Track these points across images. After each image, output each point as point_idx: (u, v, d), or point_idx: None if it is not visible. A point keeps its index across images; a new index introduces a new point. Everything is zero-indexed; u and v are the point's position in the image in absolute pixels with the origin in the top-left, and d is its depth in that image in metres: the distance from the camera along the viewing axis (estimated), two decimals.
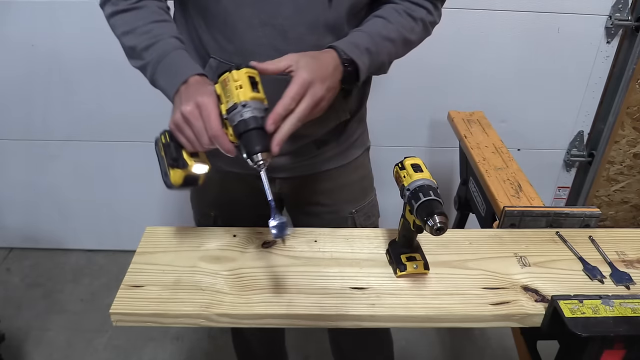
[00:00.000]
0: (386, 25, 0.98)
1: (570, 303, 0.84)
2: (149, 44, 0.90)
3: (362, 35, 0.95)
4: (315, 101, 0.85)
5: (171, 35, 0.92)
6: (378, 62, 0.98)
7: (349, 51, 0.91)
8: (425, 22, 1.03)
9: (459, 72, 2.01)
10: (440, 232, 0.79)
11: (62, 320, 2.07)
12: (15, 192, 2.29)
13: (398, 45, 1.00)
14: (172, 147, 0.87)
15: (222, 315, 0.86)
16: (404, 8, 1.01)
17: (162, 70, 0.90)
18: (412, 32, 1.02)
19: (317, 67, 0.86)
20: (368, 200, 1.29)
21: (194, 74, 0.88)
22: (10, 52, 1.94)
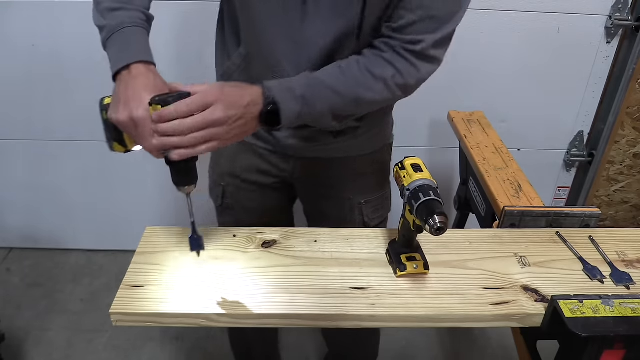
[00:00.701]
0: (338, 77, 0.94)
1: (570, 303, 0.84)
2: (113, 7, 0.89)
3: (303, 81, 0.92)
4: (209, 121, 0.80)
5: (139, 8, 0.91)
6: (315, 112, 0.92)
7: (277, 92, 0.88)
8: (388, 82, 0.95)
9: (459, 72, 2.01)
10: (441, 232, 0.79)
11: (62, 320, 2.07)
12: (15, 192, 2.29)
13: (347, 100, 0.95)
14: (111, 128, 0.86)
15: (222, 315, 0.86)
16: (367, 64, 0.95)
17: (115, 40, 0.88)
18: (370, 90, 0.95)
19: (230, 93, 0.84)
20: (380, 194, 1.29)
21: (139, 60, 0.85)
22: (10, 52, 1.94)
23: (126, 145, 0.88)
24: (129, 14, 0.89)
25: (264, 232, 1.04)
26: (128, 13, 0.89)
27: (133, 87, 0.83)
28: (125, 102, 0.81)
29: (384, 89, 0.96)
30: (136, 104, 0.80)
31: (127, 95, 0.82)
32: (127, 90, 0.82)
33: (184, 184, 0.86)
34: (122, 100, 0.82)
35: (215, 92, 0.82)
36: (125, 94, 0.82)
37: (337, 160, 1.19)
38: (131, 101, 0.81)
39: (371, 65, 0.95)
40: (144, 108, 0.80)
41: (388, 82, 0.96)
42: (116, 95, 0.84)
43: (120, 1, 0.89)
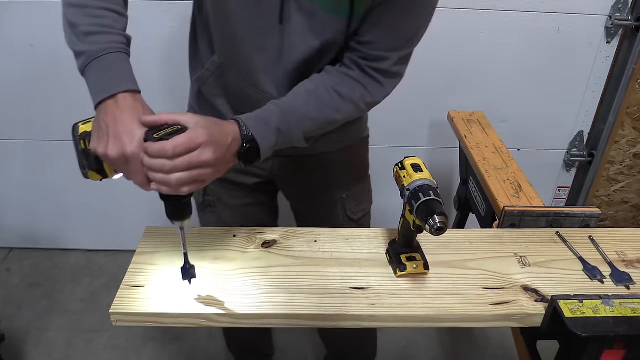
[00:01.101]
0: (308, 103, 0.94)
1: (570, 303, 0.84)
2: (93, 31, 0.83)
3: (276, 112, 0.91)
4: (198, 163, 0.78)
5: (120, 32, 0.86)
6: (290, 140, 0.94)
7: (253, 128, 0.87)
8: (356, 102, 0.98)
9: (459, 72, 2.01)
10: (441, 232, 0.79)
11: (62, 320, 2.07)
12: (14, 192, 2.29)
13: (318, 123, 0.97)
14: (92, 158, 0.83)
15: (222, 315, 0.86)
16: (335, 85, 0.96)
17: (96, 67, 0.83)
18: (339, 111, 0.98)
19: (216, 134, 0.81)
20: (360, 187, 1.31)
21: (126, 90, 0.81)
22: (9, 52, 1.94)
23: (106, 174, 0.85)
24: (110, 39, 0.84)
25: (264, 232, 1.04)
26: (108, 37, 0.84)
27: (122, 120, 0.78)
28: (115, 137, 0.77)
29: (353, 109, 0.99)
30: (129, 139, 0.77)
31: (117, 129, 0.78)
32: (117, 124, 0.78)
33: (177, 219, 0.84)
34: (111, 134, 0.78)
35: (204, 133, 0.78)
36: (115, 128, 0.78)
37: (314, 157, 1.19)
38: (123, 136, 0.77)
39: (339, 86, 0.97)
40: (137, 143, 0.77)
41: (357, 102, 0.99)
42: (101, 126, 0.79)
43: (98, 24, 0.83)
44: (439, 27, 1.89)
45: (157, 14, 1.83)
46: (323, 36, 0.94)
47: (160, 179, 0.77)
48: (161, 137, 0.76)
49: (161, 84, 1.95)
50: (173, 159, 0.75)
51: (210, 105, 1.12)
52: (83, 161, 0.85)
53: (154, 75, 1.94)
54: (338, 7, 0.91)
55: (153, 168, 0.76)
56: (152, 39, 1.88)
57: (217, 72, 1.05)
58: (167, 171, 0.76)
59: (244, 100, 1.06)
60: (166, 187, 0.77)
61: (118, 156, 0.77)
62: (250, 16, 0.94)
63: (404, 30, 0.96)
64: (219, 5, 0.93)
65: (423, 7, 0.95)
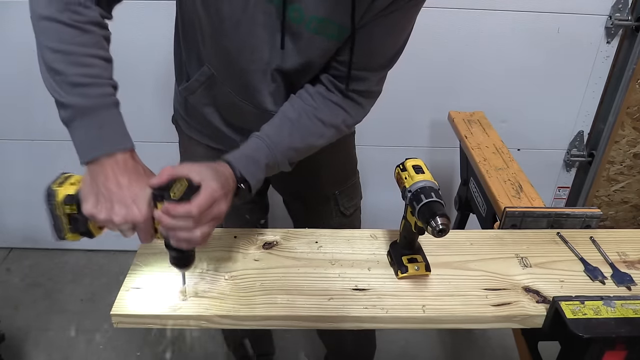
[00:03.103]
0: (292, 134, 0.95)
1: (571, 304, 0.84)
2: (81, 83, 0.77)
3: (263, 149, 0.92)
4: (217, 215, 0.79)
5: (108, 82, 0.80)
6: (277, 169, 0.96)
7: (244, 169, 0.88)
8: (338, 127, 1.00)
9: (459, 73, 2.01)
10: (443, 234, 0.79)
11: (62, 320, 2.07)
12: (15, 192, 2.29)
13: (302, 151, 0.99)
14: (80, 221, 0.81)
15: (223, 317, 0.86)
16: (316, 112, 0.97)
17: (86, 123, 0.78)
18: (321, 137, 0.99)
19: (224, 181, 0.81)
20: (351, 182, 1.33)
21: (125, 149, 0.78)
22: (10, 52, 1.94)
23: (91, 235, 0.83)
24: (101, 91, 0.78)
25: (264, 233, 1.04)
26: (99, 90, 0.78)
27: (128, 184, 0.76)
28: (122, 203, 0.75)
29: (335, 133, 1.01)
30: (138, 206, 0.75)
31: (122, 195, 0.75)
32: (122, 189, 0.76)
33: (184, 267, 0.85)
34: (115, 200, 0.75)
35: (217, 187, 0.78)
36: (120, 194, 0.75)
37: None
38: (130, 202, 0.75)
39: (321, 113, 0.98)
40: (147, 207, 0.76)
41: (339, 126, 1.01)
42: (101, 191, 0.76)
43: (87, 75, 0.77)
44: (440, 27, 1.91)
45: (155, 13, 1.83)
46: (315, 55, 0.96)
47: (184, 237, 0.77)
48: (180, 197, 0.75)
49: (156, 83, 1.95)
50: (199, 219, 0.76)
51: (198, 113, 1.12)
52: (62, 225, 0.82)
53: (148, 74, 1.95)
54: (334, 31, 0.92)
55: (176, 228, 0.76)
56: (147, 38, 1.88)
57: (207, 83, 1.05)
58: (192, 229, 0.76)
59: (234, 111, 1.07)
60: (189, 243, 0.78)
61: (125, 222, 0.76)
62: (243, 37, 0.93)
63: (386, 52, 0.97)
64: (213, 22, 0.93)
65: (404, 29, 0.96)
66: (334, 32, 0.91)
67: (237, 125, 1.11)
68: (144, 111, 1.96)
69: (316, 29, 0.91)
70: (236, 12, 0.89)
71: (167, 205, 0.74)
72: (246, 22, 0.91)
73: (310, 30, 0.91)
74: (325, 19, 0.90)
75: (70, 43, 0.77)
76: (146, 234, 0.79)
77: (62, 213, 0.80)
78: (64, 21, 0.76)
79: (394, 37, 0.96)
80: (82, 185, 0.79)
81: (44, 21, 0.77)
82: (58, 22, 0.76)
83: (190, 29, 1.00)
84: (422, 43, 1.92)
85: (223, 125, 1.12)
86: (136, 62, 1.91)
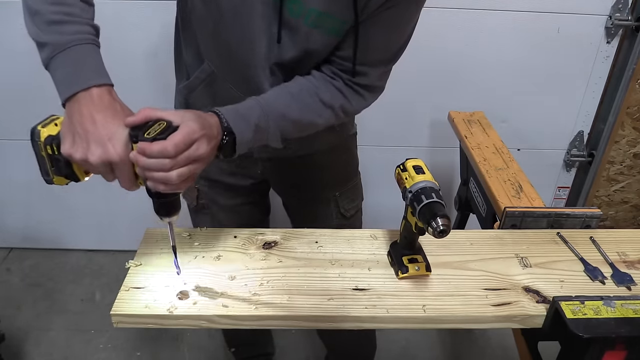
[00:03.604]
0: (290, 104, 0.94)
1: (571, 304, 0.84)
2: (58, 20, 0.76)
3: (256, 109, 0.90)
4: (194, 157, 0.76)
5: (87, 21, 0.79)
6: (267, 138, 0.93)
7: (232, 121, 0.85)
8: (336, 110, 0.99)
9: (459, 73, 2.01)
10: (443, 235, 0.79)
11: (62, 320, 2.07)
12: (15, 192, 2.29)
13: (297, 125, 0.96)
14: (62, 163, 0.78)
15: (223, 316, 0.86)
16: (317, 90, 0.96)
17: (63, 60, 0.76)
18: (320, 116, 0.98)
19: (206, 125, 0.79)
20: (352, 185, 1.32)
21: (100, 83, 0.77)
22: (10, 52, 1.93)
23: (77, 178, 0.81)
24: (77, 29, 0.77)
25: (264, 234, 1.04)
26: (75, 27, 0.77)
27: (103, 121, 0.74)
28: (97, 141, 0.73)
29: (332, 115, 0.99)
30: (113, 143, 0.73)
31: (98, 132, 0.73)
32: (97, 127, 0.73)
33: (168, 215, 0.83)
34: (91, 139, 0.73)
35: (197, 128, 0.76)
36: (95, 131, 0.73)
37: (304, 157, 1.20)
38: (106, 140, 0.73)
39: (321, 92, 0.97)
40: (123, 146, 0.74)
41: (336, 110, 0.99)
42: (77, 130, 0.74)
43: (64, 12, 0.76)
44: (440, 27, 1.91)
45: (155, 13, 1.83)
46: (313, 48, 0.95)
47: (161, 178, 0.74)
48: (154, 136, 0.73)
49: (153, 82, 1.95)
50: (175, 157, 0.74)
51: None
52: (47, 167, 0.80)
53: (146, 73, 1.95)
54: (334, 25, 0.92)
55: (152, 168, 0.73)
56: (146, 39, 1.88)
57: (207, 80, 1.05)
58: (168, 169, 0.74)
59: None
60: (165, 185, 0.75)
61: (102, 161, 0.74)
62: (242, 30, 0.93)
63: (386, 48, 0.97)
64: (213, 17, 0.93)
65: (406, 24, 0.95)
66: (334, 26, 0.91)
67: None
68: None
69: (314, 22, 0.91)
70: (235, 3, 0.89)
71: (142, 144, 0.72)
72: (245, 14, 0.91)
73: (309, 24, 0.91)
74: (324, 13, 0.89)
75: None
76: (125, 177, 0.76)
77: (45, 154, 0.79)
78: None
79: (395, 33, 0.95)
80: (61, 126, 0.78)
81: None
82: None
83: (189, 26, 1.01)
84: (422, 43, 1.91)
85: None
86: (136, 62, 1.91)
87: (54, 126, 0.79)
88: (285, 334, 2.02)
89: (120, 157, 0.74)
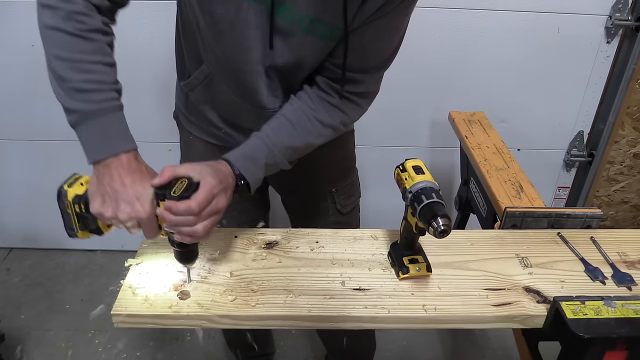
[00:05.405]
0: (292, 134, 0.98)
1: (572, 304, 0.84)
2: (86, 89, 0.80)
3: (263, 149, 0.94)
4: (216, 211, 0.82)
5: (112, 87, 0.83)
6: (276, 168, 0.98)
7: (243, 168, 0.90)
8: (336, 127, 1.02)
9: (459, 73, 2.01)
10: (444, 235, 0.79)
11: (62, 320, 2.07)
12: (15, 192, 2.29)
13: (301, 150, 1.01)
14: (89, 220, 0.85)
15: (223, 316, 0.86)
16: (315, 113, 1.00)
17: (91, 127, 0.81)
18: (321, 136, 1.02)
19: (223, 178, 0.85)
20: (349, 180, 1.33)
21: (128, 149, 0.82)
22: (10, 52, 1.93)
23: (100, 232, 0.88)
24: (104, 96, 0.81)
25: (265, 233, 1.04)
26: (102, 95, 0.81)
27: (132, 184, 0.80)
28: (126, 201, 0.79)
29: (333, 133, 1.04)
30: (141, 203, 0.80)
31: (127, 193, 0.79)
32: (126, 188, 0.80)
33: (189, 262, 0.90)
34: (120, 199, 0.79)
35: (216, 184, 0.82)
36: (124, 192, 0.79)
37: None
38: (134, 200, 0.80)
39: (319, 114, 1.00)
40: (150, 204, 0.80)
41: (336, 126, 1.03)
42: (107, 190, 0.80)
43: (91, 81, 0.80)
44: (440, 27, 1.91)
45: (155, 12, 1.83)
46: (306, 54, 0.97)
47: (187, 232, 0.80)
48: (180, 195, 0.78)
49: (156, 82, 1.95)
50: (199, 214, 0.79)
51: (198, 109, 1.14)
52: (73, 223, 0.86)
53: (148, 74, 1.95)
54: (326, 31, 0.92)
55: (179, 224, 0.80)
56: (147, 37, 1.88)
57: (206, 82, 1.06)
58: (193, 224, 0.80)
59: (232, 109, 1.08)
60: (192, 238, 0.82)
61: (130, 219, 0.80)
62: (237, 37, 0.94)
63: (380, 54, 0.98)
64: (208, 24, 0.94)
65: (397, 31, 0.96)
66: (326, 32, 0.92)
67: (235, 123, 1.12)
68: (144, 110, 1.96)
69: (307, 28, 0.92)
70: (230, 14, 0.90)
71: (169, 202, 0.78)
72: (239, 24, 0.92)
73: (302, 30, 0.92)
74: (316, 19, 0.90)
75: (74, 51, 0.80)
76: (150, 231, 0.83)
77: (72, 212, 0.85)
78: (68, 30, 0.79)
79: (387, 40, 0.96)
80: (89, 186, 0.83)
81: (50, 30, 0.80)
82: (62, 32, 0.79)
83: (189, 28, 1.02)
84: (423, 43, 1.92)
85: (221, 122, 1.14)
86: (136, 61, 1.90)
87: (80, 185, 0.85)
88: (285, 334, 2.02)
89: (147, 215, 0.81)
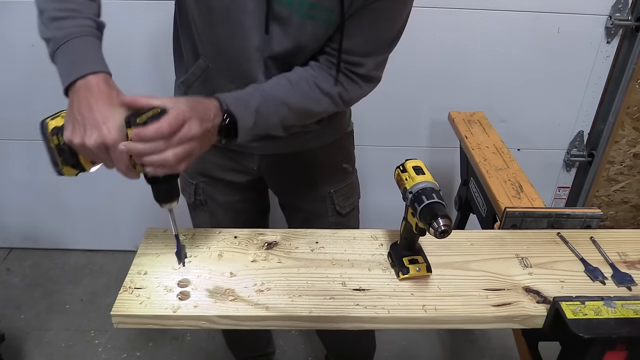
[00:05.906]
0: (289, 92, 0.95)
1: (572, 304, 0.84)
2: (60, 16, 0.80)
3: (256, 95, 0.92)
4: (187, 137, 0.78)
5: (87, 15, 0.83)
6: (268, 124, 0.94)
7: (232, 106, 0.87)
8: (334, 98, 1.00)
9: (459, 73, 2.01)
10: (445, 235, 0.79)
11: (62, 320, 2.07)
12: (15, 192, 2.29)
13: (296, 113, 0.98)
14: (67, 152, 0.81)
15: (223, 317, 0.86)
16: (315, 80, 0.98)
17: (63, 52, 0.80)
18: (318, 104, 0.99)
19: (198, 108, 0.81)
20: (348, 182, 1.32)
21: (95, 71, 0.79)
22: (10, 52, 1.93)
23: (83, 168, 0.83)
24: (76, 23, 0.81)
25: (265, 234, 1.04)
26: (75, 22, 0.81)
27: (98, 106, 0.76)
28: (93, 125, 0.75)
29: (330, 104, 1.01)
30: (108, 127, 0.74)
31: (93, 117, 0.75)
32: (93, 111, 0.75)
33: (167, 201, 0.85)
34: (87, 123, 0.75)
35: (187, 108, 0.78)
36: (91, 116, 0.75)
37: (300, 154, 1.20)
38: (101, 124, 0.74)
39: (319, 81, 0.98)
40: (118, 130, 0.75)
41: (334, 98, 1.00)
42: (75, 116, 0.76)
43: (65, 9, 0.81)
44: (440, 27, 1.91)
45: (154, 12, 1.83)
46: (306, 39, 0.96)
47: (157, 160, 0.76)
48: (145, 121, 0.75)
49: (153, 82, 1.95)
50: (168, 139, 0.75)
51: None
52: (56, 157, 0.83)
53: (146, 72, 1.95)
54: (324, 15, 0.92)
55: (147, 152, 0.75)
56: (145, 36, 1.88)
57: (203, 76, 1.05)
58: (162, 151, 0.76)
59: None
60: (163, 167, 0.77)
61: (97, 145, 0.75)
62: (233, 24, 0.94)
63: (379, 38, 0.98)
64: (203, 12, 0.94)
65: (398, 16, 0.96)
66: (324, 16, 0.92)
67: None
68: None
69: (307, 13, 0.92)
70: (227, 3, 0.90)
71: (135, 129, 0.75)
72: (235, 11, 0.92)
73: (301, 14, 0.92)
74: (314, 4, 0.90)
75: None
76: (121, 163, 0.77)
77: (52, 145, 0.81)
78: None
79: (387, 25, 0.96)
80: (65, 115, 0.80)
81: None
82: None
83: (185, 22, 1.02)
84: (423, 43, 1.92)
85: None
86: (136, 61, 1.91)
87: (61, 119, 0.82)
88: (285, 334, 2.03)
89: (114, 140, 0.75)
